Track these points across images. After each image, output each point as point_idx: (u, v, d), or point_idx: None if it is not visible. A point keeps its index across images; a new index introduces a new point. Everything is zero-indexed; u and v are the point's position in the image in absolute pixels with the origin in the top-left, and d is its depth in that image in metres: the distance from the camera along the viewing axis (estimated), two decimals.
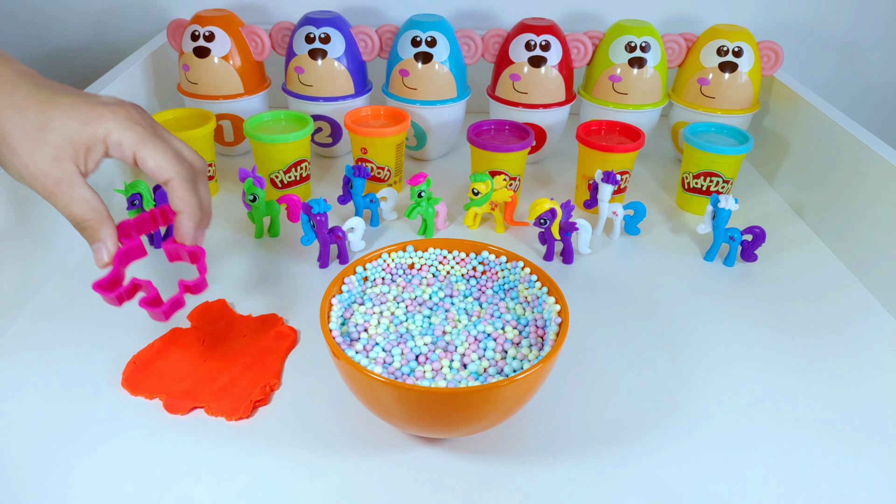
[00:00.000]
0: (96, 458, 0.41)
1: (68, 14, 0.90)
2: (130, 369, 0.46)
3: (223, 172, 0.75)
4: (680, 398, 0.46)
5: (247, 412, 0.44)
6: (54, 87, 0.42)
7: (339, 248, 0.59)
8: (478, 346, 0.42)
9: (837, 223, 0.64)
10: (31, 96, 0.40)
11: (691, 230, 0.67)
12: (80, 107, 0.41)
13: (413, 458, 0.42)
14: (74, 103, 0.41)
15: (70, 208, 0.41)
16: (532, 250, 0.63)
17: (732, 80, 0.73)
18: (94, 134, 0.41)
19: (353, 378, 0.38)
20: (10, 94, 0.40)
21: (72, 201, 0.41)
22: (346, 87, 0.75)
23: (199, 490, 0.39)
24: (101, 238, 0.41)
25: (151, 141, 0.42)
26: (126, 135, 0.41)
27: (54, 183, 0.40)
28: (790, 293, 0.58)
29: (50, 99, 0.40)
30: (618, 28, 0.74)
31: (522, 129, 0.69)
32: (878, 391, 0.48)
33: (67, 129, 0.40)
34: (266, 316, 0.52)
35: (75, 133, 0.40)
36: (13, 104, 0.40)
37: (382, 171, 0.69)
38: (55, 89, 0.41)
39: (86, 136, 0.40)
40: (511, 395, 0.37)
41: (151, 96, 0.80)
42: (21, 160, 0.40)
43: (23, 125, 0.39)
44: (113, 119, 0.41)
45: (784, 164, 0.75)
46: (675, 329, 0.53)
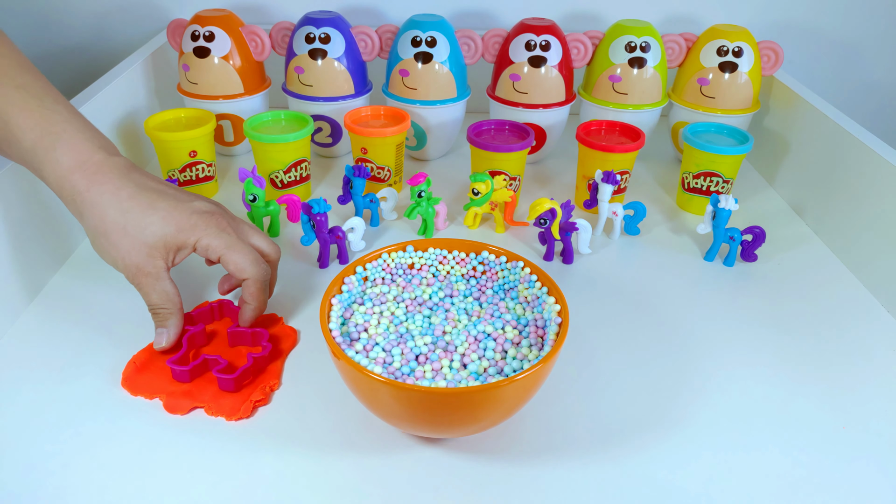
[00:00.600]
0: (96, 458, 0.41)
1: (68, 14, 0.90)
2: (130, 369, 0.46)
3: (223, 172, 0.75)
4: (680, 398, 0.46)
5: (247, 412, 0.44)
6: (154, 189, 0.47)
7: (339, 248, 0.59)
8: (478, 346, 0.42)
9: (837, 223, 0.64)
10: (134, 198, 0.46)
11: (691, 230, 0.67)
12: (178, 215, 0.46)
13: (413, 458, 0.42)
14: (173, 210, 0.46)
15: (151, 297, 0.46)
16: (532, 250, 0.63)
17: (732, 80, 0.73)
18: (186, 240, 0.46)
19: (353, 378, 0.38)
20: (116, 193, 0.45)
21: (154, 291, 0.46)
22: (346, 87, 0.75)
23: (199, 490, 0.39)
24: (167, 325, 0.47)
25: (235, 246, 0.47)
26: (214, 241, 0.47)
27: (144, 275, 0.46)
28: (790, 293, 0.58)
29: (150, 203, 0.46)
30: (618, 28, 0.74)
31: (522, 129, 0.69)
32: (878, 391, 0.48)
33: (163, 233, 0.46)
34: (266, 316, 0.52)
35: (170, 238, 0.46)
36: (118, 205, 0.45)
37: (382, 171, 0.69)
38: (155, 192, 0.47)
39: (179, 241, 0.46)
40: (511, 395, 0.37)
41: (151, 96, 0.80)
42: (119, 253, 0.45)
43: (124, 224, 0.45)
44: (205, 229, 0.47)
45: (784, 164, 0.75)
46: (675, 329, 0.53)
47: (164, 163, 0.66)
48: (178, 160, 0.66)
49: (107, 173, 0.46)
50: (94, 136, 0.48)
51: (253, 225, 0.53)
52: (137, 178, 0.47)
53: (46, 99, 0.47)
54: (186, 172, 0.67)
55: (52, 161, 0.45)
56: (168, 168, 0.66)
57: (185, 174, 0.67)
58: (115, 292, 0.55)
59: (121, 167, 0.47)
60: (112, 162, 0.47)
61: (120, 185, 0.46)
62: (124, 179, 0.46)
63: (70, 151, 0.46)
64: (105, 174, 0.46)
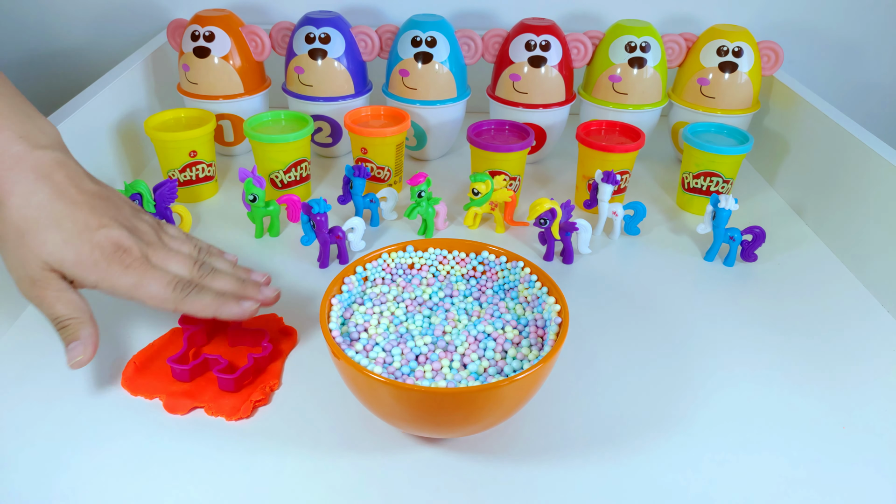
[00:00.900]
0: (96, 458, 0.41)
1: (68, 14, 0.90)
2: (130, 369, 0.46)
3: (223, 172, 0.75)
4: (680, 398, 0.46)
5: (247, 412, 0.44)
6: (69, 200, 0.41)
7: (339, 248, 0.59)
8: (478, 346, 0.42)
9: (837, 223, 0.64)
10: (43, 207, 0.41)
11: (691, 230, 0.67)
12: (80, 244, 0.41)
13: (413, 458, 0.42)
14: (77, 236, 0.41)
15: (55, 308, 0.41)
16: (532, 250, 0.63)
17: (732, 80, 0.73)
18: (84, 277, 0.41)
19: (353, 378, 0.38)
20: (25, 197, 0.40)
21: (57, 302, 0.41)
22: (346, 87, 0.75)
23: (199, 490, 0.39)
24: (81, 336, 0.41)
25: (142, 282, 0.42)
26: (118, 283, 0.42)
27: (41, 288, 0.41)
28: (790, 293, 0.58)
29: (57, 220, 0.41)
30: (618, 28, 0.74)
31: (522, 129, 0.69)
32: (878, 391, 0.48)
33: (61, 258, 0.41)
34: (266, 316, 0.52)
35: (67, 266, 0.41)
36: (23, 210, 0.40)
37: (382, 171, 0.69)
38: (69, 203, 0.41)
39: (76, 274, 0.41)
40: (511, 395, 0.37)
41: (151, 96, 0.80)
42: (14, 261, 0.41)
43: (24, 233, 0.40)
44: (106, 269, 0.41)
45: (784, 164, 0.75)
46: (675, 329, 0.53)
47: (164, 163, 0.66)
48: (178, 160, 0.66)
49: (23, 171, 0.41)
50: (18, 122, 0.42)
51: (179, 233, 0.48)
52: (58, 180, 0.42)
53: None
54: (186, 172, 0.67)
55: None
56: (168, 168, 0.66)
57: (185, 174, 0.67)
58: None
59: (42, 165, 0.41)
60: (33, 158, 0.41)
61: (33, 189, 0.41)
62: (41, 182, 0.41)
63: None
64: (20, 172, 0.41)
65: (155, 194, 0.59)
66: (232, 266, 0.48)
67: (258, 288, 0.46)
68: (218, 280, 0.45)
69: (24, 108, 0.43)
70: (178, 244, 0.46)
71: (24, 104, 0.44)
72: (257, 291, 0.46)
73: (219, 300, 0.43)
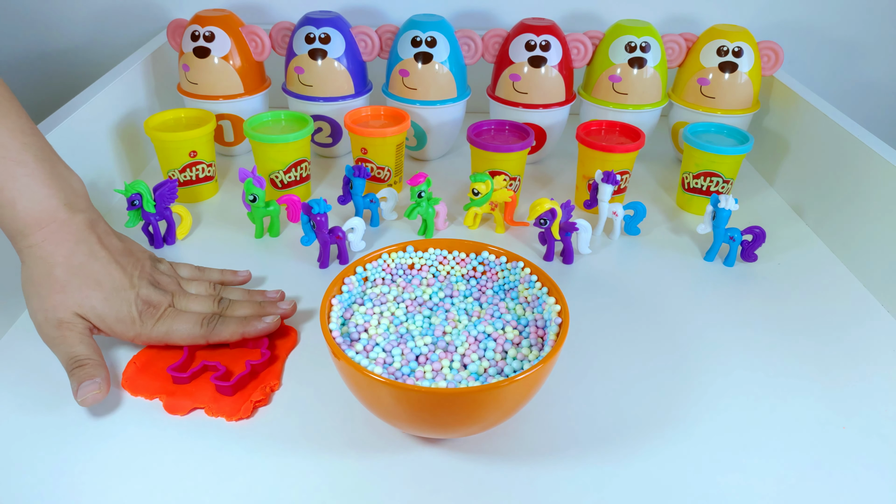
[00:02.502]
0: (96, 458, 0.41)
1: (68, 14, 0.90)
2: (130, 369, 0.47)
3: (223, 172, 0.75)
4: (680, 398, 0.46)
5: (247, 412, 0.44)
6: (106, 260, 0.46)
7: (339, 249, 0.59)
8: (478, 346, 0.42)
9: (837, 223, 0.64)
10: (84, 267, 0.45)
11: (691, 230, 0.67)
12: (118, 304, 0.46)
13: (413, 459, 0.42)
14: (115, 295, 0.46)
15: (75, 348, 0.44)
16: (532, 250, 0.63)
17: (732, 80, 0.73)
18: (121, 332, 0.46)
19: (353, 378, 0.38)
20: (68, 258, 0.45)
21: (80, 343, 0.44)
22: (346, 87, 0.75)
23: (199, 490, 0.39)
24: (97, 375, 0.43)
25: (172, 329, 0.47)
26: (153, 335, 0.47)
27: (67, 329, 0.44)
28: (790, 293, 0.58)
29: (97, 279, 0.46)
30: (618, 28, 0.74)
31: (522, 129, 0.69)
32: (878, 391, 0.48)
33: (99, 314, 0.45)
34: None
35: (104, 322, 0.46)
36: (66, 267, 0.45)
37: (382, 171, 0.69)
38: (107, 263, 0.46)
39: (110, 328, 0.46)
40: (511, 395, 0.37)
41: (151, 96, 0.80)
42: (45, 304, 0.44)
43: (64, 285, 0.45)
44: (141, 325, 0.46)
45: (784, 164, 0.75)
46: (675, 329, 0.53)
47: (164, 163, 0.66)
48: (178, 160, 0.66)
49: (65, 233, 0.45)
50: (60, 188, 0.46)
51: (191, 272, 0.53)
52: (94, 241, 0.46)
53: (12, 146, 0.45)
54: (186, 172, 0.67)
55: (10, 217, 0.44)
56: (168, 168, 0.66)
57: (185, 174, 0.67)
58: None
59: (81, 228, 0.46)
60: (74, 222, 0.46)
61: (73, 251, 0.45)
62: (81, 244, 0.46)
63: (31, 208, 0.45)
64: (63, 233, 0.45)
65: (155, 194, 0.59)
66: (247, 293, 0.53)
67: (275, 305, 0.51)
68: (238, 309, 0.50)
69: (58, 169, 0.47)
70: (195, 287, 0.51)
71: (55, 160, 0.48)
72: (275, 308, 0.51)
73: (243, 323, 0.48)
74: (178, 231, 0.62)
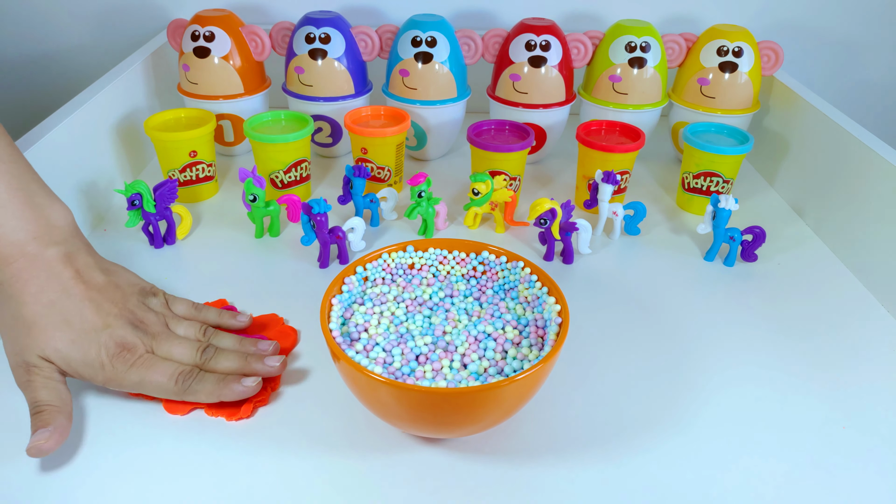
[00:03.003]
0: (96, 458, 0.41)
1: (68, 14, 0.90)
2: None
3: (223, 172, 0.75)
4: (680, 398, 0.46)
5: (247, 412, 0.44)
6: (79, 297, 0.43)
7: (339, 248, 0.59)
8: (478, 346, 0.42)
9: (837, 223, 0.64)
10: (54, 305, 0.43)
11: (691, 230, 0.67)
12: (87, 346, 0.42)
13: (413, 458, 0.42)
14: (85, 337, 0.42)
15: (39, 393, 0.41)
16: (532, 250, 0.63)
17: (732, 80, 0.73)
18: (91, 376, 0.43)
19: (353, 378, 0.38)
20: (36, 296, 0.42)
21: (44, 388, 0.41)
22: (346, 87, 0.75)
23: (199, 490, 0.39)
24: (54, 423, 0.40)
25: (145, 379, 0.43)
26: (124, 383, 0.43)
27: (34, 373, 0.41)
28: (790, 293, 0.58)
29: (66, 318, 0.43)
30: (618, 28, 0.74)
31: (522, 129, 0.69)
32: (878, 391, 0.48)
33: (66, 357, 0.42)
34: (266, 316, 0.52)
35: (72, 365, 0.42)
36: (32, 307, 0.42)
37: (382, 171, 0.69)
38: (80, 300, 0.43)
39: (80, 372, 0.42)
40: (511, 395, 0.37)
41: (151, 96, 0.80)
42: (14, 347, 0.42)
43: (30, 326, 0.42)
44: (112, 370, 0.43)
45: (784, 164, 0.75)
46: (675, 329, 0.53)
47: (164, 163, 0.66)
48: (178, 160, 0.66)
49: (36, 270, 0.43)
50: (32, 220, 0.44)
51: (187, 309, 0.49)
52: (69, 277, 0.44)
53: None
54: (186, 172, 0.67)
55: None
56: (168, 168, 0.66)
57: (185, 174, 0.67)
58: None
59: (53, 263, 0.44)
60: (44, 257, 0.43)
61: (43, 288, 0.43)
62: (52, 280, 0.43)
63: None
64: (33, 270, 0.43)
65: (155, 194, 0.59)
66: (238, 340, 0.48)
67: (262, 360, 0.46)
68: (222, 361, 0.45)
69: (36, 199, 0.45)
70: (184, 328, 0.47)
71: (33, 189, 0.45)
72: (262, 365, 0.46)
73: (220, 385, 0.43)
74: (178, 231, 0.62)
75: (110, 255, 0.59)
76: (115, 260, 0.59)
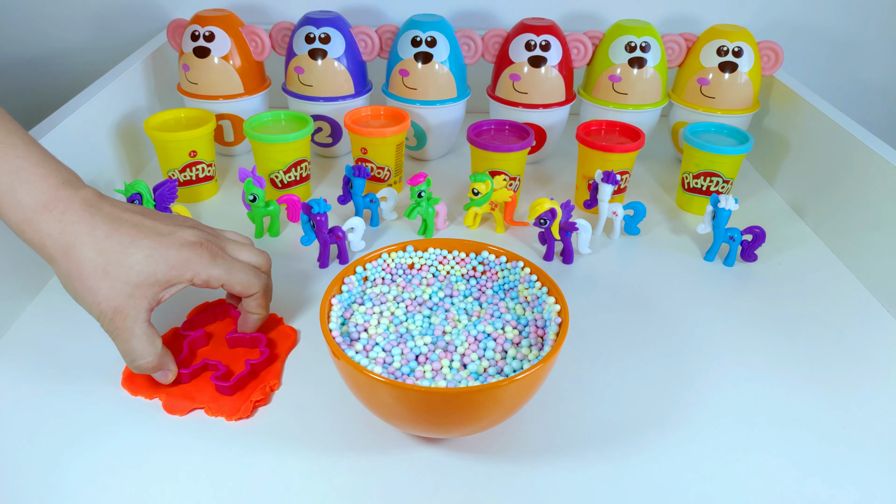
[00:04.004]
0: (96, 458, 0.41)
1: (68, 14, 0.90)
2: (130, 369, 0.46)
3: (223, 172, 0.75)
4: (680, 398, 0.46)
5: (247, 412, 0.44)
6: (131, 224, 0.43)
7: (339, 248, 0.59)
8: (478, 346, 0.42)
9: (837, 223, 0.64)
10: (112, 236, 0.41)
11: (691, 230, 0.67)
12: (165, 252, 0.42)
13: (413, 458, 0.42)
14: (158, 247, 0.42)
15: (130, 343, 0.42)
16: (532, 250, 0.63)
17: (732, 80, 0.73)
18: (180, 276, 0.43)
19: (353, 378, 0.38)
20: (91, 234, 0.41)
21: (133, 336, 0.42)
22: (346, 87, 0.75)
23: (199, 490, 0.39)
24: (164, 367, 0.44)
25: (234, 268, 0.45)
26: (214, 272, 0.44)
27: (122, 317, 0.41)
28: (790, 293, 0.58)
29: (132, 241, 0.42)
30: (618, 28, 0.74)
31: (522, 129, 0.69)
32: (877, 391, 0.48)
33: (152, 271, 0.42)
34: None
35: (161, 275, 0.42)
36: (95, 245, 0.41)
37: (382, 171, 0.69)
38: (133, 226, 0.42)
39: (171, 277, 0.42)
40: (511, 395, 0.37)
41: (151, 96, 0.80)
42: (96, 297, 0.41)
43: (104, 265, 0.41)
44: (199, 262, 0.43)
45: (784, 164, 0.75)
46: (674, 329, 0.53)
47: (164, 163, 0.66)
48: (178, 160, 0.66)
49: (77, 211, 0.41)
50: (56, 168, 0.43)
51: (236, 235, 0.50)
52: (110, 211, 0.43)
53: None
54: (186, 172, 0.67)
55: (12, 204, 0.40)
56: (168, 168, 0.66)
57: (185, 174, 0.67)
58: None
59: (90, 201, 0.42)
60: (80, 197, 0.42)
61: (94, 224, 0.41)
62: (97, 216, 0.42)
63: (32, 191, 0.41)
64: (76, 212, 0.41)
65: (155, 194, 0.59)
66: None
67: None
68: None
69: (48, 155, 0.44)
70: (231, 235, 0.49)
71: (44, 150, 0.44)
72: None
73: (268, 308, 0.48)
74: None
75: None
76: None
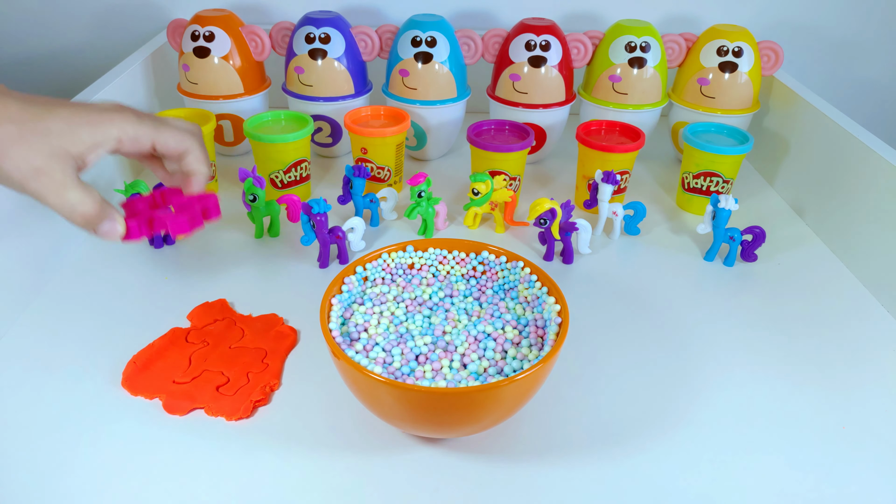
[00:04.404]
0: (96, 458, 0.41)
1: (68, 14, 0.90)
2: (130, 369, 0.46)
3: (223, 172, 0.75)
4: (680, 398, 0.46)
5: (247, 412, 0.44)
6: (46, 101, 0.41)
7: (339, 248, 0.59)
8: (478, 346, 0.42)
9: (837, 223, 0.64)
10: (26, 110, 0.40)
11: (691, 230, 0.67)
12: (85, 113, 0.41)
13: (413, 458, 0.42)
14: (78, 110, 0.41)
15: (63, 195, 0.40)
16: (532, 250, 0.63)
17: (732, 80, 0.73)
18: (105, 133, 0.42)
19: (353, 378, 0.38)
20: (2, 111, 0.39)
21: (64, 188, 0.40)
22: (346, 87, 0.75)
23: (199, 490, 0.39)
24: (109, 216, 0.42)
25: (162, 126, 0.45)
26: (140, 129, 0.43)
27: (45, 176, 0.39)
28: (790, 293, 0.58)
29: (48, 109, 0.41)
30: (618, 28, 0.74)
31: (522, 129, 0.69)
32: (877, 391, 0.48)
33: (72, 131, 0.40)
34: (266, 316, 0.52)
35: (84, 134, 0.41)
36: (7, 117, 0.39)
37: (382, 171, 0.69)
38: (49, 102, 0.41)
39: (95, 137, 0.41)
40: (511, 395, 0.37)
41: (151, 96, 0.80)
42: (14, 163, 0.39)
43: (20, 132, 0.39)
44: (123, 119, 0.43)
45: (784, 164, 0.75)
46: (674, 329, 0.53)
47: None
48: None
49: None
50: None
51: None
52: (21, 95, 0.41)
53: None
54: None
55: None
56: None
57: None
58: (115, 292, 0.55)
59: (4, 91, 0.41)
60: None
61: (5, 103, 0.40)
62: (8, 98, 0.40)
63: None
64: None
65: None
66: None
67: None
68: None
69: None
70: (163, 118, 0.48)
71: None
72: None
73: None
74: None
75: (109, 255, 0.59)
76: (116, 259, 0.59)
